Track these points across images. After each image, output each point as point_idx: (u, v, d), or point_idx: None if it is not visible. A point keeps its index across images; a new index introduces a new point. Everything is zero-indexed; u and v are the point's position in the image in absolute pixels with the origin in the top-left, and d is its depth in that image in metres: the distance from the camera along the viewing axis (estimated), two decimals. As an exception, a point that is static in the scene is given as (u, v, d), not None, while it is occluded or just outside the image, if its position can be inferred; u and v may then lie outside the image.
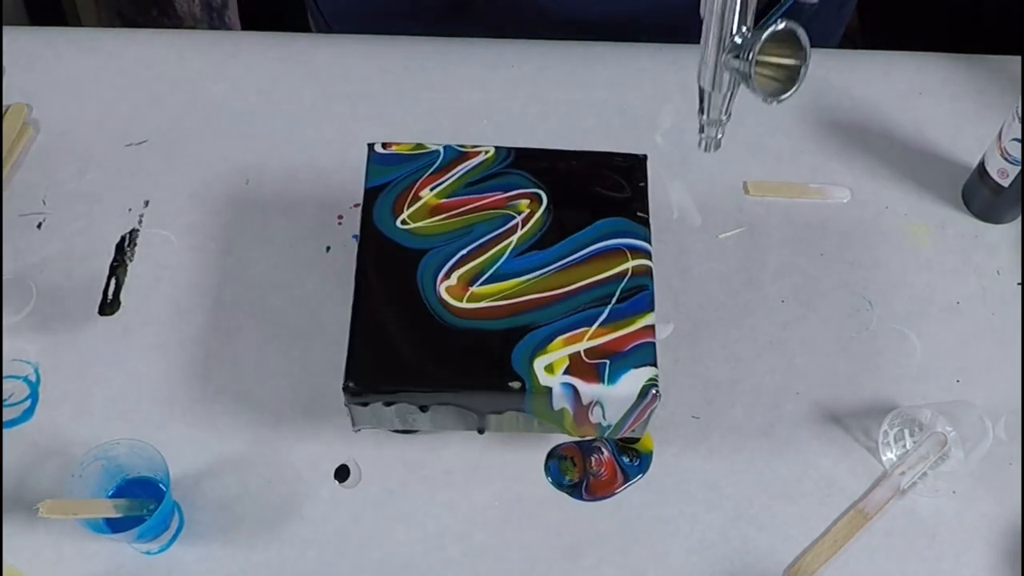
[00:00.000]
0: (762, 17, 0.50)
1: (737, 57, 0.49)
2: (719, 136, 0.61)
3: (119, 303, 0.80)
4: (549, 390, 0.66)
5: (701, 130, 0.57)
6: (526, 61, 0.93)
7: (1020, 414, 0.77)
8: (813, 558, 0.71)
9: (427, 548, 0.71)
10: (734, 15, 0.48)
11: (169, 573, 0.70)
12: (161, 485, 0.69)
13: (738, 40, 0.49)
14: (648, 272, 0.70)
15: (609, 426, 0.70)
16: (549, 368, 0.66)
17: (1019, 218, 0.86)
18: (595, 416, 0.68)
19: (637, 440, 0.75)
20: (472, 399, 0.67)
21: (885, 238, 0.85)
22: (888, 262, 0.84)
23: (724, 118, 0.58)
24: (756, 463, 0.75)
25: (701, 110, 0.56)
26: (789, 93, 0.49)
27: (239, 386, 0.76)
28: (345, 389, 0.65)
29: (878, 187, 0.88)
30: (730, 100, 0.55)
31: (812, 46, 0.49)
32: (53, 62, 0.92)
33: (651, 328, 0.68)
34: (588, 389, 0.66)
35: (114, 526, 0.68)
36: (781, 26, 0.42)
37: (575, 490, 0.74)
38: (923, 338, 0.81)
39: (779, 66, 0.49)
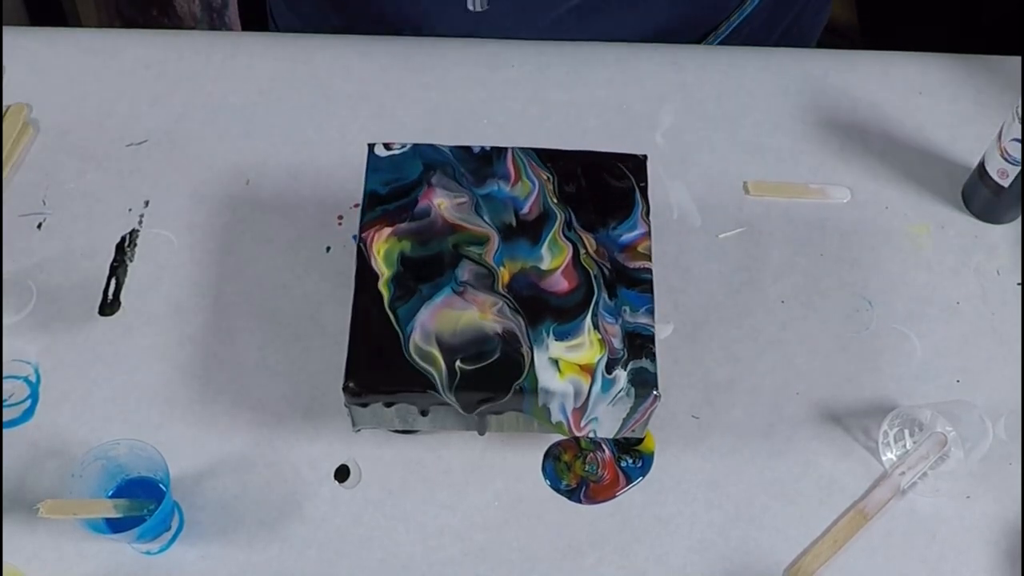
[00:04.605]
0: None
1: None
2: None
3: (119, 303, 0.80)
4: (547, 409, 0.66)
5: None
6: (526, 61, 0.93)
7: (1020, 414, 0.77)
8: (813, 558, 0.71)
9: (427, 548, 0.71)
10: None
11: (169, 573, 0.70)
12: (161, 485, 0.69)
13: None
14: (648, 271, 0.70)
15: (606, 437, 0.70)
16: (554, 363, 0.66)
17: (1019, 218, 0.86)
18: (591, 435, 0.69)
19: (640, 441, 0.75)
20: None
21: (885, 238, 0.85)
22: (888, 262, 0.84)
23: None
24: (756, 463, 0.75)
25: None
26: None
27: (239, 386, 0.76)
28: (345, 389, 0.65)
29: (878, 187, 0.88)
30: None
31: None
32: (53, 62, 0.92)
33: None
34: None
35: (114, 526, 0.68)
36: None
37: (573, 494, 0.73)
38: (923, 338, 0.80)
39: None
